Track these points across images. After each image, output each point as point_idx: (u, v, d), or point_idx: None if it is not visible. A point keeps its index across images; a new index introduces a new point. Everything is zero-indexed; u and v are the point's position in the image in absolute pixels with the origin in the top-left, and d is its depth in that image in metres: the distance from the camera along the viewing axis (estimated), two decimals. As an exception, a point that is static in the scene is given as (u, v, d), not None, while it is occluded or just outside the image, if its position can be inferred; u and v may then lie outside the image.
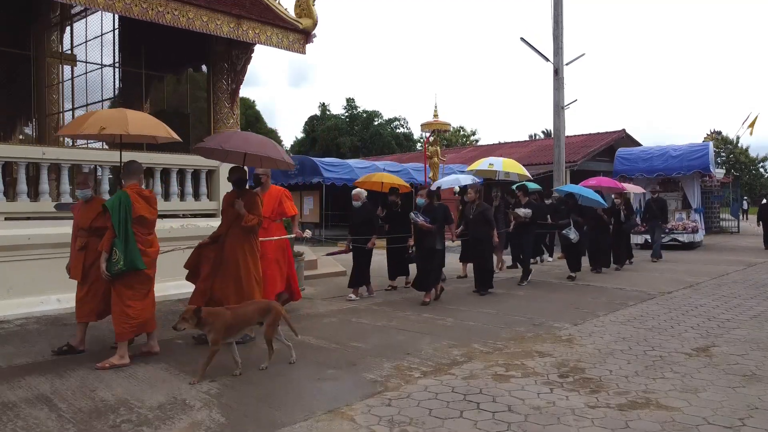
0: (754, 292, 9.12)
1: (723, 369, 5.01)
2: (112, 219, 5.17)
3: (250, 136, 6.27)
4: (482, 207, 9.15)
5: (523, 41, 17.90)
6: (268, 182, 7.39)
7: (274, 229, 7.24)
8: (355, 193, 9.12)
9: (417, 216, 8.29)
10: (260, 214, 6.01)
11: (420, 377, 4.87)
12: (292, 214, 7.44)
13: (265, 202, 7.02)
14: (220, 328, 4.75)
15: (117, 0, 7.25)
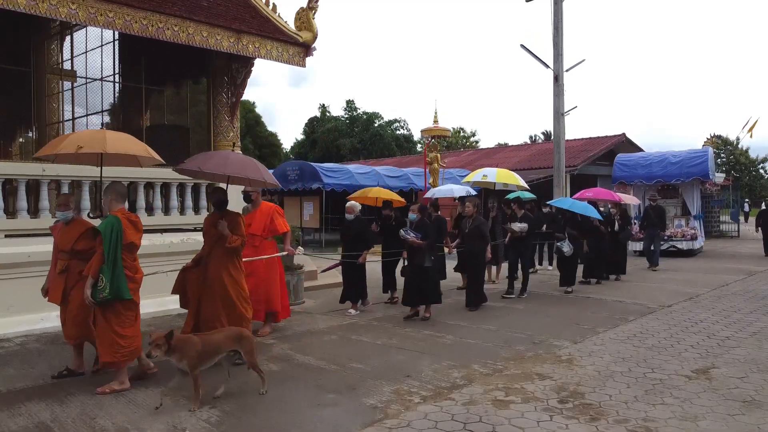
0: (754, 305, 9.12)
1: (722, 394, 5.01)
2: (104, 245, 5.09)
3: (231, 157, 6.21)
4: (478, 221, 9.05)
5: (523, 48, 17.89)
6: (259, 199, 7.36)
7: (265, 246, 7.20)
8: (348, 206, 8.99)
9: (407, 232, 8.22)
10: (243, 235, 6.02)
11: (420, 402, 4.87)
12: (284, 231, 7.37)
13: (256, 219, 7.09)
14: (192, 356, 4.67)
15: (117, 17, 7.25)
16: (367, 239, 8.81)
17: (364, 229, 8.91)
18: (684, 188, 17.99)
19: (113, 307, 5.18)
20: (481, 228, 8.98)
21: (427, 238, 8.14)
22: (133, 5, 7.38)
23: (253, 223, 7.12)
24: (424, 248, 8.08)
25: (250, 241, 6.89)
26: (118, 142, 5.73)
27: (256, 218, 7.15)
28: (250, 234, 6.86)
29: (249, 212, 7.32)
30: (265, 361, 6.09)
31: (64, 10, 6.82)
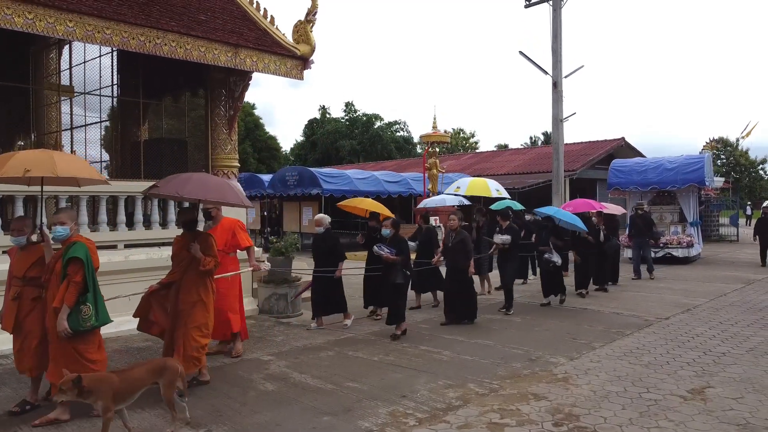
0: (752, 317, 9.13)
1: (717, 416, 5.02)
2: (87, 272, 4.96)
3: (209, 181, 6.10)
4: (461, 235, 8.79)
5: (522, 55, 17.95)
6: (219, 215, 7.26)
7: (227, 263, 7.05)
8: (318, 218, 8.72)
9: (381, 248, 8.06)
10: (216, 255, 5.91)
11: (415, 426, 4.89)
12: (247, 245, 7.23)
13: (217, 235, 6.90)
14: (108, 395, 4.38)
15: (114, 34, 7.26)
16: (340, 252, 8.59)
17: (335, 242, 8.70)
18: (680, 195, 17.79)
19: (86, 334, 5.05)
20: (465, 242, 8.76)
21: (401, 253, 8.01)
22: (130, 22, 7.39)
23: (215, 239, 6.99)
24: (398, 264, 7.97)
25: None
26: (67, 165, 5.40)
27: (217, 234, 6.99)
28: None
29: (210, 228, 7.22)
30: (262, 380, 6.13)
31: (62, 28, 6.84)
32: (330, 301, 8.64)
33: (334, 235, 8.95)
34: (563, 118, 18.07)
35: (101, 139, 11.20)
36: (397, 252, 7.99)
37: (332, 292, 8.60)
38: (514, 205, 13.55)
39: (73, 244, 5.08)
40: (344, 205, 10.17)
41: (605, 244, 12.10)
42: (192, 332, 5.76)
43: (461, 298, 8.84)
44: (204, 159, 9.70)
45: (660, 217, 17.96)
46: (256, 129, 53.01)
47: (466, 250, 8.71)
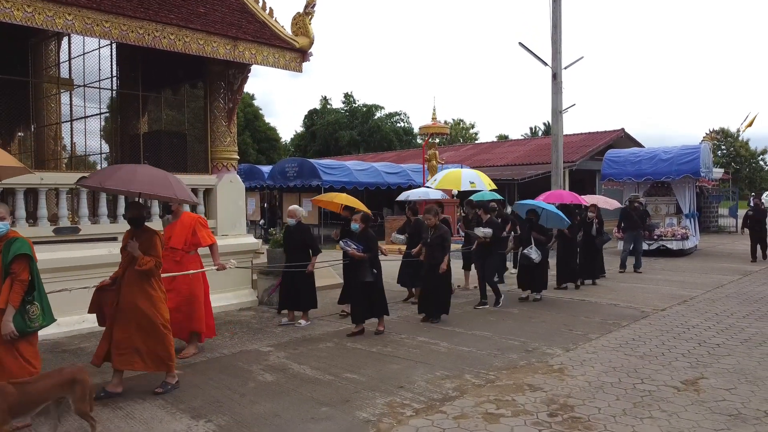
0: (748, 308, 9.20)
1: (710, 407, 5.09)
2: (33, 269, 4.75)
3: (139, 171, 5.62)
4: (440, 231, 8.48)
5: (521, 46, 17.91)
6: (180, 210, 6.90)
7: (188, 261, 6.77)
8: (291, 210, 8.38)
9: (347, 243, 7.70)
10: (158, 255, 5.55)
11: (412, 416, 4.96)
12: (208, 243, 6.88)
13: (176, 232, 6.72)
14: (2, 408, 3.97)
15: (113, 28, 7.28)
16: (314, 245, 8.33)
17: (308, 235, 8.42)
18: (676, 186, 17.49)
19: (28, 337, 4.82)
20: (444, 237, 8.45)
21: (369, 250, 7.66)
22: (129, 15, 7.40)
23: (173, 236, 6.76)
24: (365, 261, 7.61)
25: (171, 256, 6.63)
26: None
27: (176, 231, 6.76)
28: (170, 248, 6.61)
29: (169, 224, 6.96)
30: (261, 371, 6.21)
31: (61, 21, 6.86)
32: (300, 295, 8.28)
33: (307, 227, 8.69)
34: (563, 110, 18.07)
35: (101, 131, 11.24)
36: (365, 249, 7.63)
37: (302, 286, 8.23)
38: (493, 196, 13.20)
39: (14, 240, 4.77)
40: (318, 200, 9.94)
41: (597, 239, 11.92)
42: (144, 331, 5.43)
43: (433, 295, 8.53)
44: (203, 151, 9.75)
45: (655, 209, 17.77)
46: (256, 120, 52.94)
47: (443, 246, 8.43)
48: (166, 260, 6.49)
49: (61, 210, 8.17)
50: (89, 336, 7.57)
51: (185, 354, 6.68)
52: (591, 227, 11.89)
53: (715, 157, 27.53)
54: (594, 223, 11.91)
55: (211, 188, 9.69)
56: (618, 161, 18.30)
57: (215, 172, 9.78)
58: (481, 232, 9.44)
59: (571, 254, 11.41)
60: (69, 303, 6.82)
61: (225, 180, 9.77)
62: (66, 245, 7.93)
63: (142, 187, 5.45)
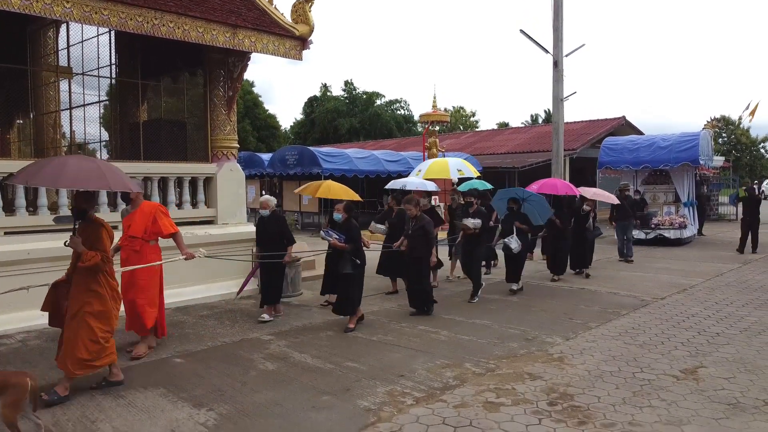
0: (748, 297, 9.23)
1: (709, 396, 5.12)
2: None
3: (69, 164, 5.03)
4: (422, 221, 8.18)
5: (522, 33, 17.78)
6: (139, 198, 6.63)
7: (148, 252, 6.47)
8: (263, 200, 8.11)
9: (328, 233, 7.48)
10: (105, 249, 5.20)
11: (412, 405, 4.99)
12: (170, 233, 6.58)
13: (136, 220, 6.46)
14: None
15: (112, 15, 7.23)
16: (289, 235, 8.12)
17: (283, 226, 8.18)
18: (674, 174, 17.21)
19: None
20: (425, 228, 8.17)
21: (351, 241, 7.41)
22: (127, 2, 7.34)
23: (133, 225, 6.47)
24: (347, 252, 7.38)
25: (131, 246, 6.43)
26: None
27: (135, 219, 6.47)
28: (129, 237, 6.43)
29: (128, 213, 6.67)
30: (262, 360, 6.23)
31: (59, 9, 6.80)
32: (268, 288, 8.07)
33: (282, 217, 8.42)
34: (564, 97, 17.98)
35: (100, 118, 11.20)
36: (347, 239, 7.39)
37: (276, 278, 8.08)
38: (482, 185, 13.14)
39: None
40: (303, 189, 9.56)
41: (590, 232, 11.66)
42: (82, 332, 5.14)
43: (416, 289, 8.29)
44: (203, 139, 9.73)
45: (653, 197, 17.59)
46: (255, 107, 52.74)
47: (427, 238, 8.18)
48: (125, 250, 6.45)
49: (60, 199, 8.16)
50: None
51: (138, 353, 6.34)
52: (585, 219, 11.61)
53: (715, 145, 27.43)
54: (590, 216, 11.66)
55: (212, 177, 9.68)
56: (615, 149, 17.96)
57: (215, 160, 9.76)
58: (471, 223, 9.13)
59: (563, 244, 11.18)
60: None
61: (225, 168, 9.76)
62: (66, 234, 7.90)
63: (72, 183, 5.00)
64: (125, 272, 6.32)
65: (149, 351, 6.49)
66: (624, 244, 13.62)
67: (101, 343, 5.24)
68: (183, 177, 9.42)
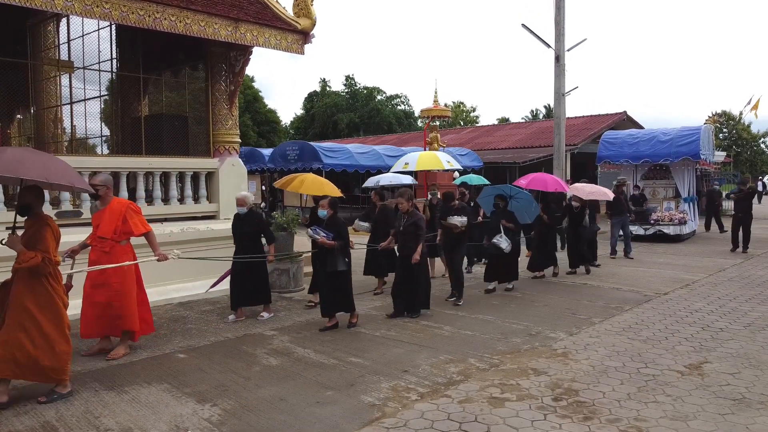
0: (751, 292, 9.21)
1: (714, 391, 5.10)
2: None
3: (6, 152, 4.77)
4: (414, 218, 7.81)
5: (524, 27, 17.73)
6: (109, 195, 6.24)
7: (118, 252, 6.14)
8: (240, 197, 7.71)
9: (316, 231, 7.15)
10: (47, 250, 4.84)
11: (417, 400, 4.97)
12: (141, 232, 6.25)
13: (105, 219, 6.12)
14: None
15: (113, 9, 7.19)
16: (269, 234, 7.81)
17: (262, 224, 7.84)
18: (674, 169, 16.95)
19: None
20: (418, 224, 7.78)
21: (339, 238, 7.13)
22: (129, -5, 7.31)
23: (102, 225, 6.14)
24: (336, 250, 7.10)
25: (100, 246, 6.11)
26: None
27: (105, 218, 6.13)
28: (99, 237, 6.11)
29: (97, 211, 6.35)
30: (266, 355, 6.22)
31: (60, 3, 6.77)
32: (254, 289, 7.74)
33: (260, 215, 8.03)
34: (565, 92, 17.94)
35: (101, 113, 11.17)
36: (335, 236, 7.11)
37: (257, 279, 7.73)
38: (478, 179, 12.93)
39: None
40: (282, 184, 9.20)
41: (586, 228, 11.25)
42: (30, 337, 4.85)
43: (408, 288, 7.89)
44: (205, 134, 9.71)
45: (653, 192, 17.38)
46: (256, 102, 52.55)
47: (417, 234, 7.77)
48: (95, 251, 6.12)
49: (62, 193, 8.14)
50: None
51: (115, 354, 6.13)
52: (580, 217, 11.18)
53: (716, 140, 27.35)
54: (584, 213, 11.22)
55: (213, 172, 9.66)
56: (615, 143, 17.63)
57: (217, 155, 9.74)
58: (457, 221, 8.60)
59: (549, 240, 10.82)
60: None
61: (227, 163, 9.73)
62: (67, 229, 7.88)
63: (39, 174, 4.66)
64: (95, 275, 5.99)
65: (127, 352, 6.23)
66: (617, 241, 13.31)
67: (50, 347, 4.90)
68: (185, 172, 9.40)
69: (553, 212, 10.91)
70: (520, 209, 9.79)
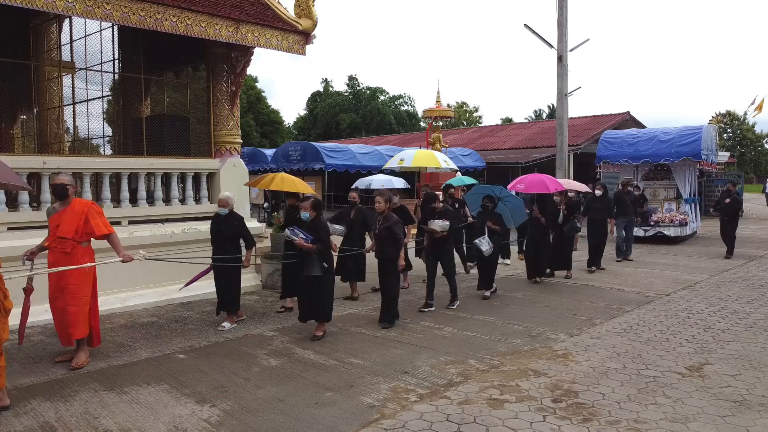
0: (753, 294, 9.18)
1: (714, 393, 5.08)
2: None
3: None
4: (389, 221, 7.41)
5: (527, 28, 17.75)
6: (72, 195, 6.04)
7: (79, 254, 5.90)
8: (223, 198, 7.42)
9: (294, 232, 6.77)
10: None
11: (416, 401, 4.96)
12: (103, 233, 5.97)
13: (65, 219, 5.87)
14: None
15: (114, 10, 7.20)
16: (248, 237, 7.50)
17: (242, 226, 7.47)
18: (675, 169, 16.68)
19: None
20: (392, 229, 7.36)
21: (320, 241, 6.76)
22: (130, -4, 7.32)
23: (62, 225, 5.86)
24: (314, 253, 6.71)
25: (61, 247, 5.83)
26: None
27: (65, 218, 5.86)
28: (59, 238, 5.82)
29: (55, 212, 6.01)
30: (265, 356, 6.21)
31: (61, 4, 6.77)
32: (220, 294, 7.50)
33: (241, 217, 7.62)
34: (568, 93, 17.94)
35: (103, 113, 11.19)
36: (316, 239, 6.74)
37: (226, 284, 7.43)
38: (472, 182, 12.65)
39: None
40: (254, 183, 8.78)
41: (565, 227, 10.64)
42: None
43: (383, 296, 7.59)
44: (206, 135, 9.71)
45: (653, 193, 17.18)
46: (259, 102, 52.69)
47: (394, 237, 7.38)
48: (54, 252, 5.87)
49: (64, 194, 8.13)
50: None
51: (78, 363, 5.87)
52: (558, 215, 10.64)
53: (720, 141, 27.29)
54: (561, 209, 10.66)
55: (215, 172, 9.66)
56: (614, 142, 17.29)
57: (218, 155, 9.74)
58: (438, 226, 8.11)
59: (543, 244, 10.45)
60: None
61: (228, 164, 9.73)
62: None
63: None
64: (54, 278, 5.79)
65: (88, 360, 5.97)
66: (623, 243, 12.93)
67: None
68: (186, 172, 9.40)
69: (548, 214, 10.49)
70: (506, 212, 9.45)
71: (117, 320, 7.72)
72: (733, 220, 13.53)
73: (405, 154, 12.77)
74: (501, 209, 9.38)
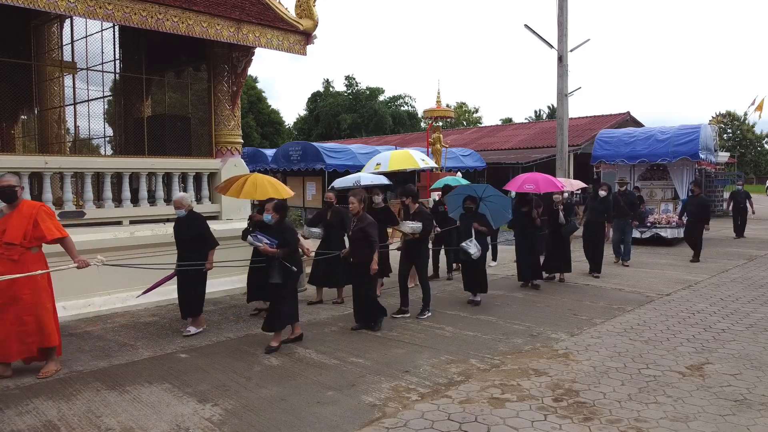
0: (753, 294, 9.19)
1: (715, 392, 5.10)
2: None
3: None
4: (363, 222, 7.09)
5: (527, 28, 17.77)
6: (19, 196, 5.64)
7: (28, 260, 5.50)
8: (176, 199, 7.07)
9: (257, 238, 6.44)
10: None
11: (417, 400, 4.98)
12: (55, 237, 5.62)
13: (12, 223, 5.46)
14: None
15: (116, 10, 7.22)
16: (210, 238, 7.05)
17: (203, 227, 7.08)
18: (672, 169, 16.16)
19: None
20: (366, 230, 7.05)
21: (285, 245, 6.38)
22: (131, -3, 7.34)
23: (9, 230, 5.45)
24: (277, 259, 6.35)
25: (7, 254, 5.41)
26: None
27: (12, 222, 5.46)
28: (5, 244, 5.41)
29: (2, 215, 5.59)
30: (266, 356, 6.22)
31: (63, 4, 6.80)
32: (183, 299, 7.13)
33: (201, 218, 7.27)
34: (568, 93, 17.95)
35: (104, 113, 11.21)
36: (281, 243, 6.38)
37: (191, 287, 7.06)
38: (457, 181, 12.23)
39: None
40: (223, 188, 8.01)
41: (563, 228, 10.27)
42: None
43: (359, 301, 7.37)
44: (207, 135, 9.74)
45: (650, 194, 16.83)
46: (259, 102, 52.73)
47: (368, 240, 7.07)
48: (1, 260, 5.41)
49: (65, 194, 8.18)
50: (95, 320, 7.65)
51: (47, 372, 5.60)
52: (557, 215, 10.28)
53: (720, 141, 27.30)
54: (559, 209, 10.27)
55: (216, 172, 9.68)
56: (610, 142, 16.94)
57: (219, 155, 9.76)
58: (408, 228, 7.68)
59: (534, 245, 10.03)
60: (73, 287, 6.83)
61: (229, 164, 9.75)
62: (71, 229, 7.92)
63: None
64: (6, 287, 5.35)
65: (58, 368, 5.72)
66: (619, 244, 12.48)
67: None
68: (187, 172, 9.42)
69: (551, 215, 10.27)
70: (487, 212, 8.94)
71: (118, 320, 7.74)
72: (699, 224, 12.82)
73: (381, 157, 12.33)
74: (482, 209, 8.89)
